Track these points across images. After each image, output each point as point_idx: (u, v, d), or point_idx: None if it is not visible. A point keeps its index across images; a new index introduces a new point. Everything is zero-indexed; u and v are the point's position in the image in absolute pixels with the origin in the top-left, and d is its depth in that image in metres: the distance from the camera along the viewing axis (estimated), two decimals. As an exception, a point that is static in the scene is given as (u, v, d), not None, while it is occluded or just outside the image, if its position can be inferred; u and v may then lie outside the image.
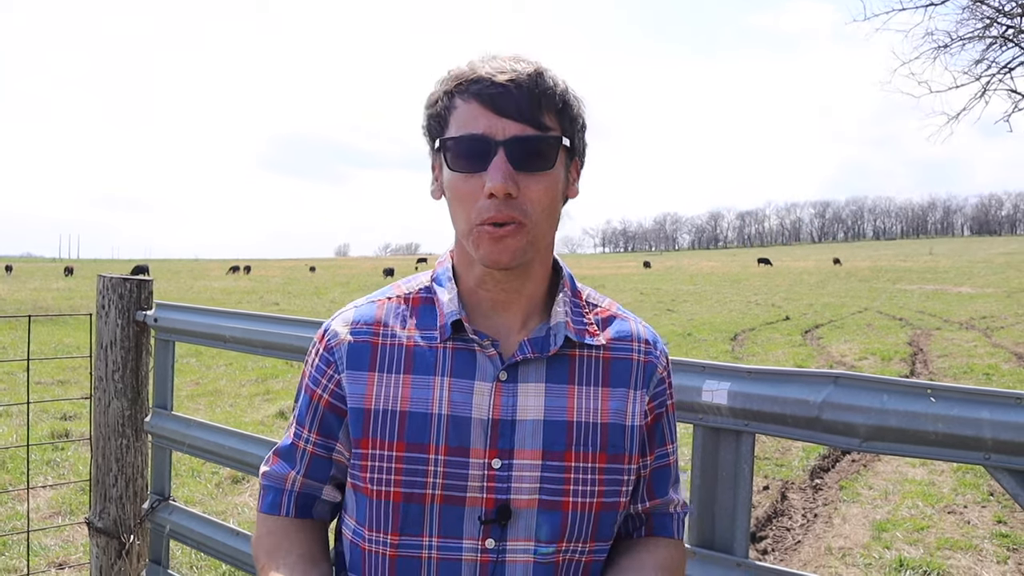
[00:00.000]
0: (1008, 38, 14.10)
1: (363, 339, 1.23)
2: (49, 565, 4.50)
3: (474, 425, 1.16)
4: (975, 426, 1.52)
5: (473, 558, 1.16)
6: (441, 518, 1.16)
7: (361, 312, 1.27)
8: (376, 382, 1.20)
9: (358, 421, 1.20)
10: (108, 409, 3.11)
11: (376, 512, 1.19)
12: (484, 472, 1.16)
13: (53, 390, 10.08)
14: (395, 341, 1.22)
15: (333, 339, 1.25)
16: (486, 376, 1.18)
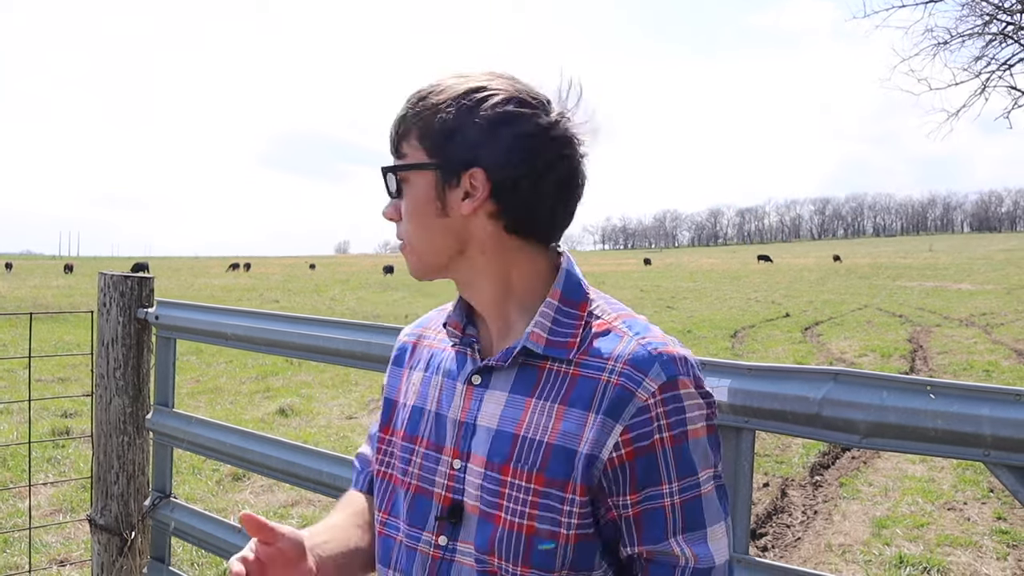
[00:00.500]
0: (1008, 35, 14.09)
1: (410, 340, 1.39)
2: (51, 562, 4.51)
3: (448, 424, 1.21)
4: (975, 423, 1.53)
5: (427, 551, 1.20)
6: (412, 506, 1.23)
7: (422, 318, 1.44)
8: (406, 378, 1.34)
9: (387, 410, 1.36)
10: (109, 406, 3.12)
11: (379, 491, 1.32)
12: (447, 470, 1.20)
13: (54, 387, 10.09)
14: (428, 343, 1.35)
15: (398, 342, 1.42)
16: (464, 378, 1.22)
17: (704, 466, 1.11)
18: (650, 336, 1.14)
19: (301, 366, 11.63)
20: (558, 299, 1.19)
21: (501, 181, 1.13)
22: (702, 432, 1.11)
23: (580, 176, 1.17)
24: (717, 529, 1.11)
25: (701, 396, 1.11)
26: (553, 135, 1.13)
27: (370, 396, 9.30)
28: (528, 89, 1.16)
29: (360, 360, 2.54)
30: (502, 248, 1.18)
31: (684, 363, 1.12)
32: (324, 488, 2.64)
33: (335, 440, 7.48)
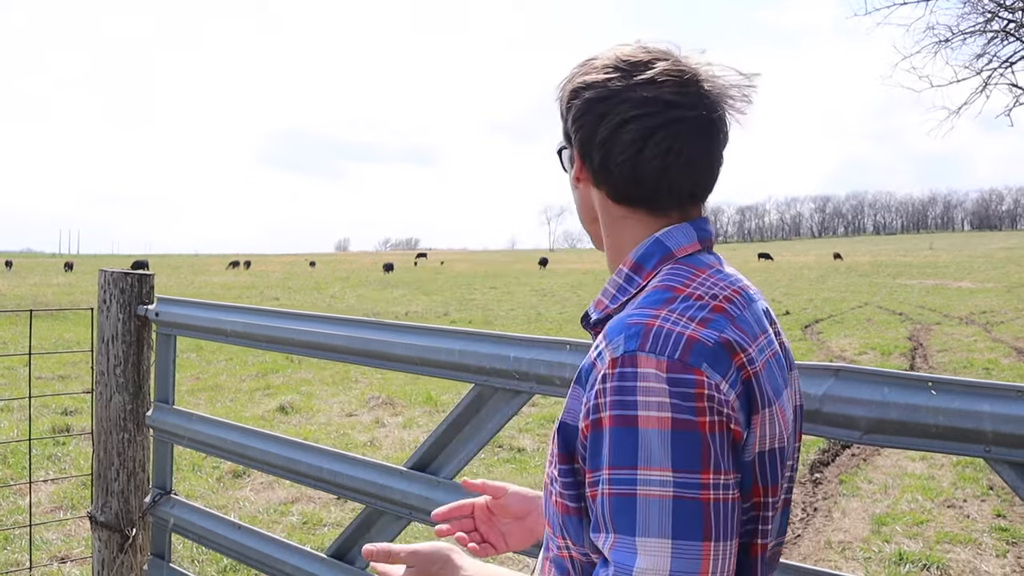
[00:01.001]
0: (1009, 32, 14.09)
1: None
2: (51, 559, 4.51)
3: None
4: (976, 419, 1.53)
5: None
6: None
7: None
8: None
9: None
10: (110, 403, 3.12)
11: None
12: None
13: (54, 385, 10.09)
14: None
15: None
16: None
17: (651, 463, 0.94)
18: (648, 307, 1.04)
19: (301, 363, 11.64)
20: (628, 267, 1.15)
21: (582, 149, 1.15)
22: (654, 423, 0.94)
23: (664, 135, 1.08)
24: (652, 543, 0.93)
25: (669, 382, 0.95)
26: (624, 96, 1.09)
27: (370, 393, 9.31)
28: (631, 52, 1.13)
29: (360, 356, 2.55)
30: (610, 217, 1.18)
31: (661, 341, 0.98)
32: (324, 485, 2.64)
33: (335, 437, 7.48)
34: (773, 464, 1.04)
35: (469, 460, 2.34)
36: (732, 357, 0.99)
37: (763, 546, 1.06)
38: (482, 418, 2.28)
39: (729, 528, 0.95)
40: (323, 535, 4.96)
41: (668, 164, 1.09)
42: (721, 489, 0.94)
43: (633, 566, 0.93)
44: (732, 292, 1.08)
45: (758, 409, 1.01)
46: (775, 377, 1.06)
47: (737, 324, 1.03)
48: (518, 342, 2.18)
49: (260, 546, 2.83)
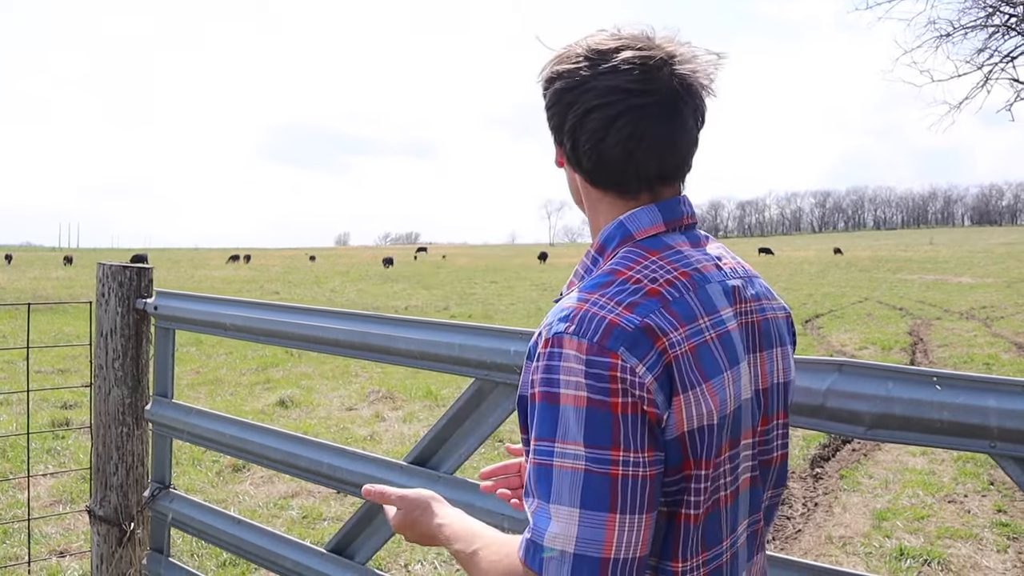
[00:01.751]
0: (1010, 27, 14.07)
1: None
2: (50, 553, 4.51)
3: None
4: (981, 414, 1.52)
5: None
6: None
7: None
8: None
9: None
10: (108, 397, 3.11)
11: None
12: None
13: (53, 378, 10.08)
14: None
15: None
16: None
17: (567, 438, 1.02)
18: (585, 291, 1.10)
19: (301, 357, 11.63)
20: (595, 249, 1.21)
21: (556, 133, 1.21)
22: (571, 400, 1.02)
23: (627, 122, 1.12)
24: (563, 511, 1.01)
25: (587, 364, 1.02)
26: (589, 85, 1.13)
27: (370, 388, 9.30)
28: (601, 41, 1.16)
29: (359, 350, 2.53)
30: (589, 200, 1.24)
31: (584, 324, 1.05)
32: (324, 479, 2.63)
33: (335, 431, 7.47)
34: (702, 441, 1.08)
35: (470, 455, 2.34)
36: (654, 341, 1.04)
37: (689, 516, 1.10)
38: (483, 412, 2.27)
39: (638, 502, 1.02)
40: (323, 529, 4.95)
41: (631, 149, 1.13)
42: (631, 466, 1.01)
43: (546, 529, 1.02)
44: (678, 275, 1.13)
45: (679, 391, 1.05)
46: (713, 356, 1.10)
47: (669, 308, 1.08)
48: (519, 336, 2.16)
49: (259, 540, 2.82)
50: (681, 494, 1.09)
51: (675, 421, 1.05)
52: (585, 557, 1.00)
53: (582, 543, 1.00)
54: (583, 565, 1.00)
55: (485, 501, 2.23)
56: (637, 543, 1.02)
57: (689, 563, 1.12)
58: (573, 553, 1.00)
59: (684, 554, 1.11)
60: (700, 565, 1.13)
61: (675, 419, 1.05)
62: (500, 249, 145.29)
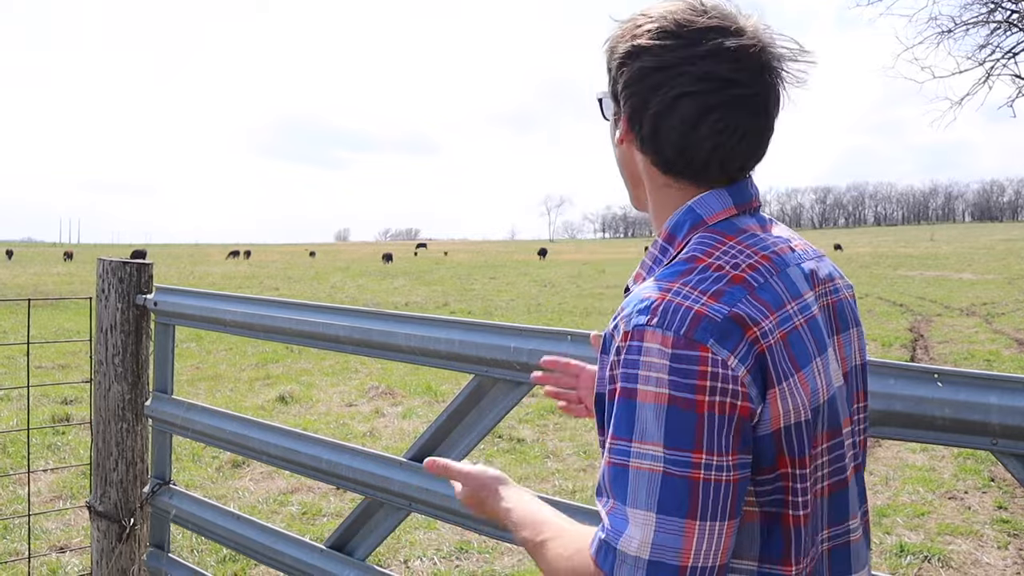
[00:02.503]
0: (1012, 23, 14.04)
1: None
2: (50, 549, 4.51)
3: None
4: (983, 411, 1.51)
5: None
6: None
7: None
8: None
9: None
10: (108, 393, 3.11)
11: None
12: None
13: (54, 374, 10.09)
14: None
15: None
16: None
17: (645, 438, 0.96)
18: (665, 280, 1.03)
19: (301, 353, 11.63)
20: (663, 237, 1.15)
21: (632, 114, 1.12)
22: (651, 398, 0.96)
23: (721, 114, 1.06)
24: (640, 515, 0.95)
25: (672, 359, 0.95)
26: (682, 69, 1.06)
27: (370, 383, 9.29)
28: (690, 17, 1.08)
29: (358, 347, 2.53)
30: (655, 184, 1.16)
31: (669, 315, 0.98)
32: (323, 475, 2.63)
33: (335, 427, 7.47)
34: (799, 434, 1.02)
35: (469, 451, 2.33)
36: (744, 331, 0.98)
37: (798, 517, 1.04)
38: (482, 409, 2.26)
39: (720, 508, 0.95)
40: (322, 525, 4.95)
41: (721, 143, 1.07)
42: (714, 470, 0.95)
43: (623, 532, 0.96)
44: (759, 259, 1.06)
45: (773, 383, 0.99)
46: (803, 343, 1.04)
47: (756, 295, 1.01)
48: (518, 333, 2.16)
49: (259, 537, 2.82)
50: (780, 493, 1.04)
51: (770, 416, 1.00)
52: (661, 564, 0.95)
53: (658, 549, 0.95)
54: (658, 572, 0.95)
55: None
56: (717, 551, 0.96)
57: (803, 564, 1.06)
58: (648, 559, 0.95)
59: (797, 556, 1.05)
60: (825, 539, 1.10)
61: (770, 413, 1.00)
62: (500, 245, 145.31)
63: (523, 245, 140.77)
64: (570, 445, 6.73)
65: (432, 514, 2.37)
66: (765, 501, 1.03)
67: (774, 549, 1.05)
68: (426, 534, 4.79)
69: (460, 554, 4.56)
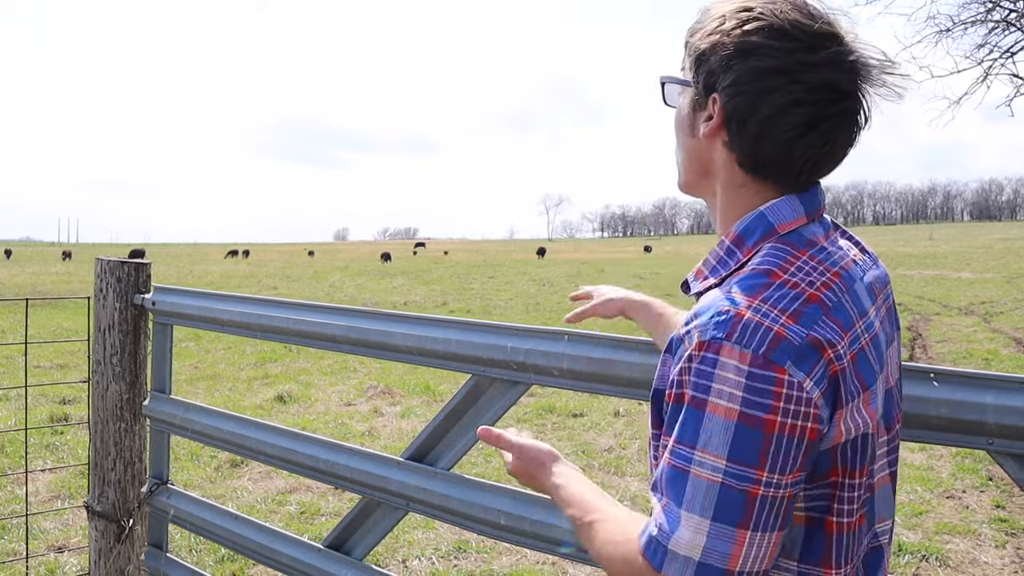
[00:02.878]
0: (1010, 22, 14.05)
1: None
2: (48, 548, 4.51)
3: None
4: (979, 411, 1.51)
5: None
6: None
7: None
8: None
9: None
10: (106, 393, 3.10)
11: None
12: None
13: (52, 374, 10.08)
14: None
15: None
16: None
17: (708, 448, 0.98)
18: (743, 293, 1.03)
19: (300, 353, 11.62)
20: (731, 239, 1.15)
21: (732, 112, 1.10)
22: (721, 411, 0.97)
23: (831, 125, 1.07)
24: (694, 519, 0.98)
25: (748, 377, 0.96)
26: (799, 75, 1.05)
27: (368, 383, 9.29)
28: (802, 19, 1.07)
29: (356, 346, 2.53)
30: (732, 181, 1.16)
31: (748, 333, 0.98)
32: (321, 475, 2.63)
33: (333, 427, 7.47)
34: (854, 451, 1.05)
35: (467, 451, 2.33)
36: (821, 354, 0.99)
37: (841, 524, 1.06)
38: (479, 408, 2.26)
39: (772, 520, 0.98)
40: (321, 525, 4.95)
41: (824, 152, 1.09)
42: (774, 487, 0.97)
43: (674, 532, 0.99)
44: (831, 276, 1.06)
45: (842, 404, 1.01)
46: (868, 364, 1.06)
47: (831, 316, 1.02)
48: (515, 332, 2.16)
49: (257, 536, 2.82)
50: (827, 500, 1.05)
51: (833, 434, 1.02)
52: (709, 567, 0.98)
53: (708, 553, 0.98)
54: (706, 573, 0.98)
55: (482, 497, 2.22)
56: (764, 557, 0.99)
57: (844, 569, 1.08)
58: (698, 561, 0.98)
59: (838, 560, 1.07)
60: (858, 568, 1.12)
61: (833, 432, 1.01)
62: (498, 244, 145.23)
63: (522, 244, 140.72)
64: (568, 444, 6.73)
65: (430, 514, 2.37)
66: (811, 507, 1.06)
67: (814, 553, 1.07)
68: (424, 534, 4.80)
69: (458, 553, 4.56)
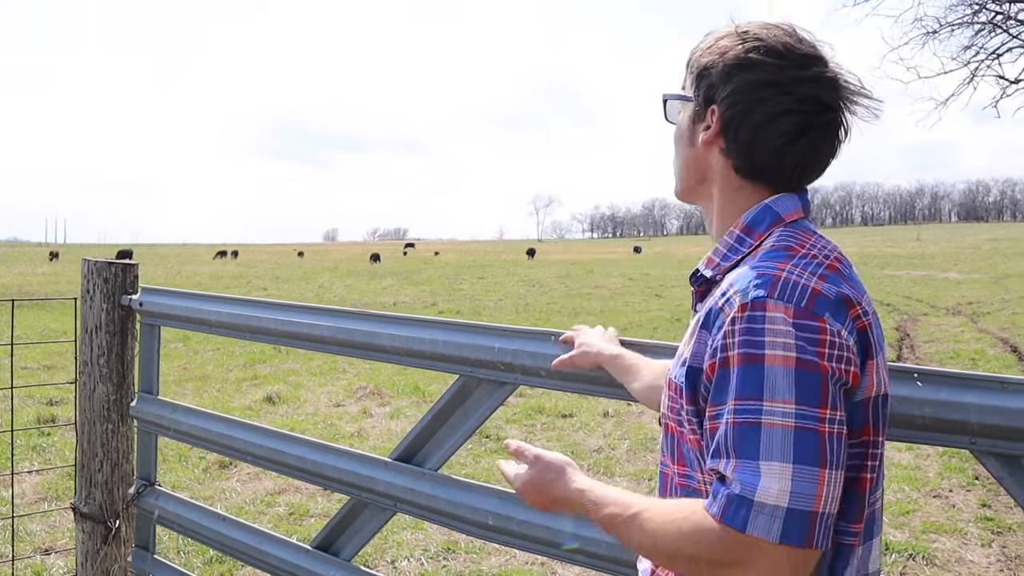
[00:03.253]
0: (996, 24, 14.14)
1: None
2: (35, 551, 4.49)
3: None
4: (961, 410, 1.53)
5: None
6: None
7: None
8: None
9: None
10: (93, 394, 3.09)
11: None
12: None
13: (39, 375, 10.03)
14: None
15: None
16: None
17: (775, 396, 1.05)
18: (773, 260, 1.15)
19: (289, 354, 11.60)
20: (740, 228, 1.27)
21: (729, 120, 1.25)
22: (779, 360, 1.06)
23: (817, 134, 1.22)
24: (775, 467, 1.04)
25: (796, 327, 1.07)
26: (789, 88, 1.20)
27: (358, 384, 9.28)
28: (793, 43, 1.23)
29: (344, 347, 2.53)
30: (729, 185, 1.29)
31: (789, 290, 1.09)
32: (309, 476, 2.63)
33: (322, 428, 7.46)
34: (879, 408, 1.17)
35: (455, 451, 2.33)
36: (849, 309, 1.12)
37: (869, 480, 1.17)
38: (467, 409, 2.27)
39: (840, 458, 1.07)
40: (309, 526, 4.95)
41: (810, 159, 1.25)
42: (836, 424, 1.06)
43: (758, 484, 1.04)
44: (839, 255, 1.21)
45: (872, 355, 1.14)
46: (879, 329, 1.18)
47: (848, 282, 1.16)
48: (503, 333, 2.16)
49: (245, 537, 2.82)
50: (862, 459, 1.16)
51: (866, 384, 1.13)
52: (797, 511, 1.03)
53: (796, 497, 1.03)
54: (795, 519, 1.03)
55: (469, 498, 2.23)
56: (836, 498, 1.06)
57: (860, 525, 1.18)
58: (787, 507, 1.03)
59: (861, 515, 1.17)
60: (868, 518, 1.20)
61: (867, 382, 1.13)
62: (488, 245, 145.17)
63: (511, 245, 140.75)
64: (558, 445, 6.74)
65: (417, 514, 2.37)
66: (851, 465, 1.14)
67: (850, 511, 1.15)
68: (413, 534, 4.80)
69: (447, 554, 4.57)
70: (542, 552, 2.12)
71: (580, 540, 1.98)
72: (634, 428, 7.22)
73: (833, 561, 1.17)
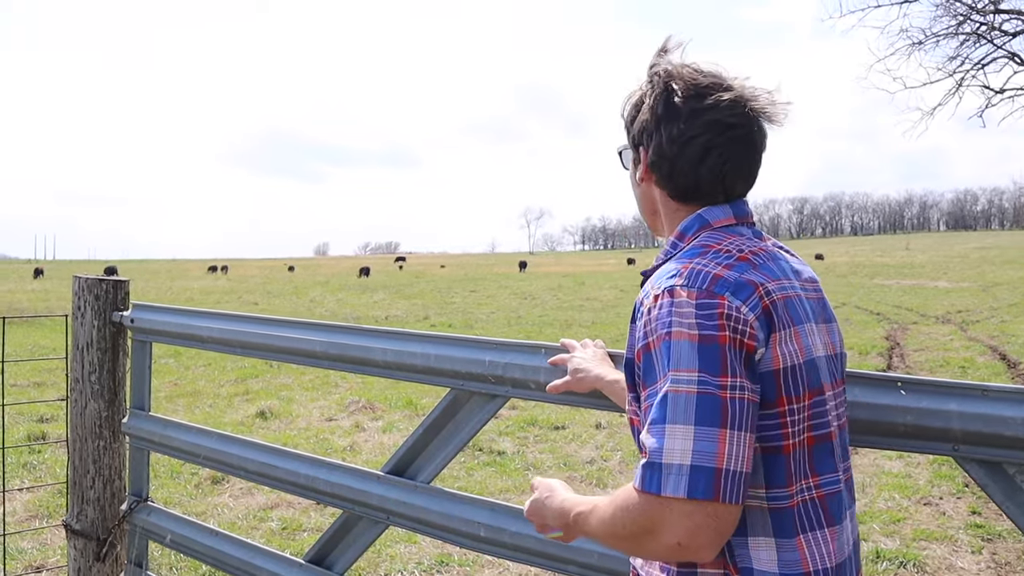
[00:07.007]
0: (981, 35, 14.28)
1: None
2: (26, 569, 4.47)
3: None
4: (943, 418, 1.55)
5: None
6: None
7: None
8: None
9: None
10: (85, 411, 3.10)
11: None
12: None
13: (29, 392, 9.99)
14: None
15: None
16: None
17: (680, 366, 1.19)
18: (686, 257, 1.31)
19: (281, 368, 11.58)
20: (675, 235, 1.44)
21: (654, 158, 1.42)
22: (684, 336, 1.20)
23: (722, 150, 1.36)
24: (679, 428, 1.16)
25: (697, 306, 1.21)
26: (690, 119, 1.36)
27: (350, 398, 9.27)
28: (697, 77, 1.38)
29: (336, 362, 2.54)
30: (669, 210, 1.47)
31: (693, 277, 1.25)
32: (301, 490, 2.64)
33: (315, 443, 7.45)
34: (793, 377, 1.27)
35: (447, 463, 2.35)
36: (754, 289, 1.25)
37: (791, 445, 1.27)
38: (459, 422, 2.28)
39: (745, 421, 1.18)
40: (303, 540, 4.94)
41: (723, 172, 1.38)
42: (737, 390, 1.18)
43: (663, 446, 1.17)
44: (757, 250, 1.36)
45: (776, 329, 1.26)
46: (796, 309, 1.31)
47: (758, 269, 1.30)
48: (493, 346, 2.18)
49: (238, 552, 2.82)
50: (780, 428, 1.26)
51: (771, 356, 1.25)
52: (701, 468, 1.15)
53: (697, 455, 1.15)
54: (699, 475, 1.14)
55: (461, 510, 2.24)
56: (743, 458, 1.17)
57: (799, 485, 1.28)
58: (690, 465, 1.15)
59: (795, 478, 1.28)
60: (814, 487, 1.30)
61: (771, 354, 1.25)
62: (480, 258, 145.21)
63: (503, 258, 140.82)
64: (550, 457, 6.75)
65: (410, 527, 2.39)
66: (767, 436, 1.26)
67: (778, 475, 1.27)
68: (407, 548, 4.79)
69: (441, 567, 4.56)
70: (534, 563, 2.13)
71: (571, 550, 2.00)
72: (626, 439, 7.23)
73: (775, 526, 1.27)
